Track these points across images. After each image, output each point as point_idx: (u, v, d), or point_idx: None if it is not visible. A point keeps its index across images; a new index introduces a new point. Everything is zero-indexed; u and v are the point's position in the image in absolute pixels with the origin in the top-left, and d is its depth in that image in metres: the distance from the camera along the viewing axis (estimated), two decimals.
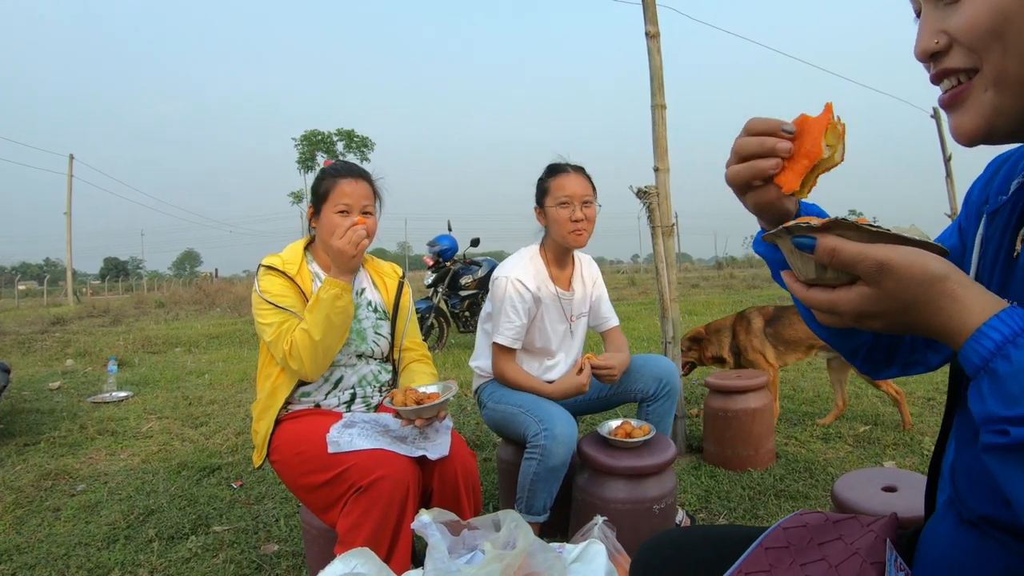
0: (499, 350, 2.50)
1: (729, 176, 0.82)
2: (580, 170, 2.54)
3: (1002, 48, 0.68)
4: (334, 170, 2.13)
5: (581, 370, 2.42)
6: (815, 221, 0.67)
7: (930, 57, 0.75)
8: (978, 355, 0.61)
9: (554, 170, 2.55)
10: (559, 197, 2.45)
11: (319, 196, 2.10)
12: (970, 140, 0.74)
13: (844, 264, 0.65)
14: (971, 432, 0.83)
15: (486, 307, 2.65)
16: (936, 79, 0.75)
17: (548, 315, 2.56)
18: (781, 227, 0.70)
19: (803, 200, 0.91)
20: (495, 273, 2.55)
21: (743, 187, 0.84)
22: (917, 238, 0.65)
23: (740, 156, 0.81)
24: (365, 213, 2.09)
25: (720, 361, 4.06)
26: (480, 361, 2.67)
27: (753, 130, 0.80)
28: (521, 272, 2.50)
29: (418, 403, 1.84)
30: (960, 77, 0.73)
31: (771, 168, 0.77)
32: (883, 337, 0.99)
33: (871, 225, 0.65)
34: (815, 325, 0.95)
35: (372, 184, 2.17)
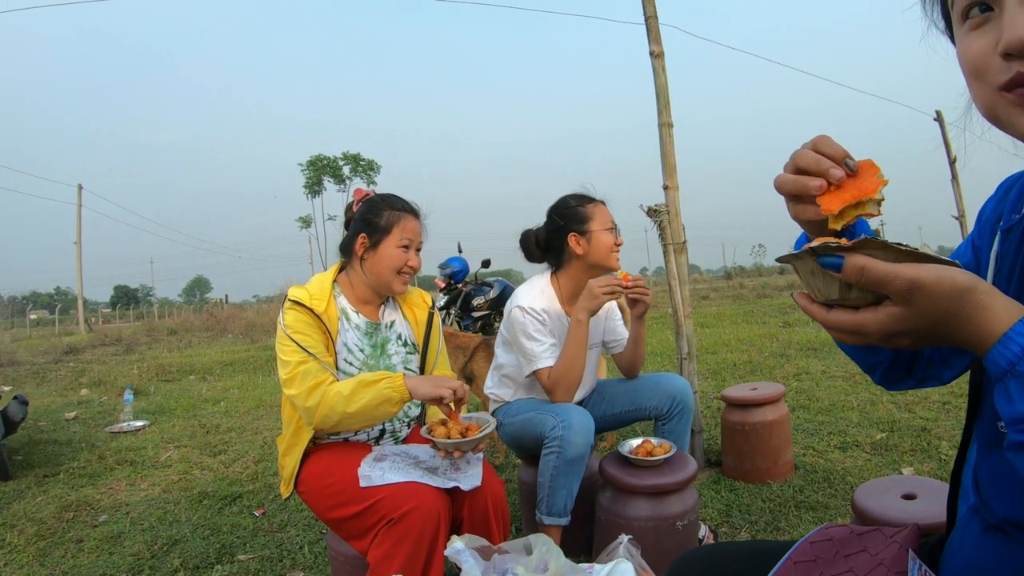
0: (544, 374, 2.44)
1: (777, 183, 0.82)
2: None
3: None
4: (394, 204, 2.16)
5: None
6: (841, 241, 0.67)
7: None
8: (1005, 359, 0.63)
9: (590, 199, 2.60)
10: (606, 223, 2.52)
11: (380, 227, 2.11)
12: None
13: (873, 283, 0.65)
14: (992, 436, 0.84)
15: (503, 335, 2.64)
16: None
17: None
18: (805, 248, 0.69)
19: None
20: (510, 303, 2.55)
21: (787, 196, 0.84)
22: (935, 255, 0.66)
23: (795, 166, 0.80)
24: (418, 251, 2.18)
25: None
26: (497, 390, 2.68)
27: (817, 147, 0.80)
28: (532, 301, 2.50)
29: (462, 435, 1.84)
30: None
31: (815, 190, 0.77)
32: (903, 356, 1.01)
33: (899, 244, 0.65)
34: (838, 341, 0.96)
35: (422, 223, 2.23)
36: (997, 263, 0.89)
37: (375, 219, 2.12)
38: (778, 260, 0.77)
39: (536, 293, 2.54)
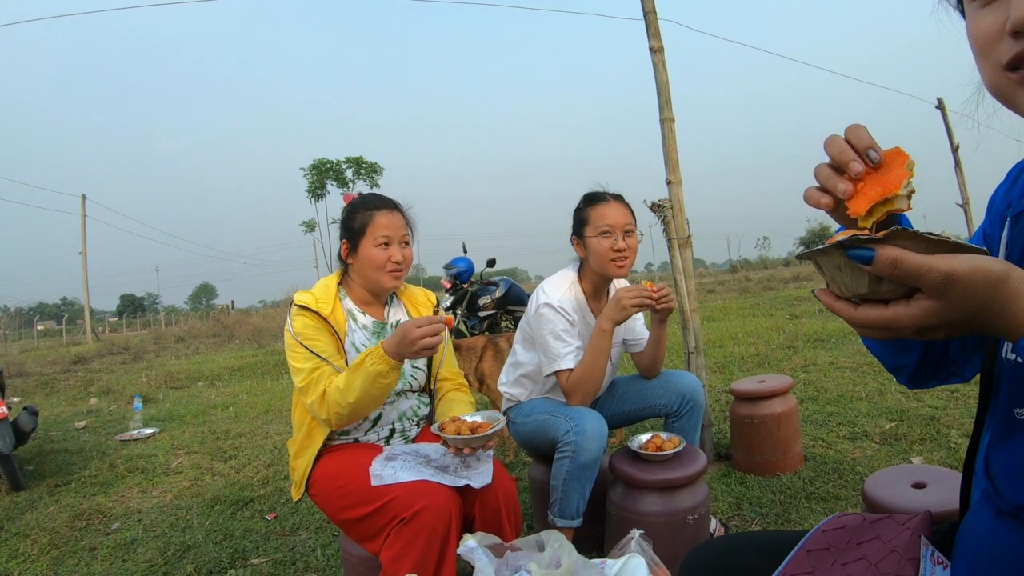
0: (564, 376, 2.40)
1: (815, 172, 0.78)
2: (620, 198, 2.50)
3: None
4: (367, 203, 2.12)
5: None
6: (870, 232, 0.65)
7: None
8: None
9: (593, 199, 2.48)
10: (600, 227, 2.39)
11: (355, 231, 2.08)
12: None
13: (906, 276, 0.62)
14: (1006, 424, 0.84)
15: (525, 330, 2.59)
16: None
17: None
18: (832, 242, 0.66)
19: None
20: (538, 299, 2.47)
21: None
22: (966, 243, 0.63)
23: (831, 157, 0.76)
24: (404, 243, 2.12)
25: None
26: (512, 389, 2.65)
27: (848, 136, 0.75)
28: (562, 300, 2.44)
29: (472, 431, 1.84)
30: None
31: (840, 194, 0.73)
32: (930, 359, 1.00)
33: (929, 233, 0.62)
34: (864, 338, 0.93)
35: (404, 214, 2.17)
36: (1008, 249, 0.89)
37: (351, 223, 2.10)
38: (799, 257, 0.75)
39: (565, 289, 2.49)
